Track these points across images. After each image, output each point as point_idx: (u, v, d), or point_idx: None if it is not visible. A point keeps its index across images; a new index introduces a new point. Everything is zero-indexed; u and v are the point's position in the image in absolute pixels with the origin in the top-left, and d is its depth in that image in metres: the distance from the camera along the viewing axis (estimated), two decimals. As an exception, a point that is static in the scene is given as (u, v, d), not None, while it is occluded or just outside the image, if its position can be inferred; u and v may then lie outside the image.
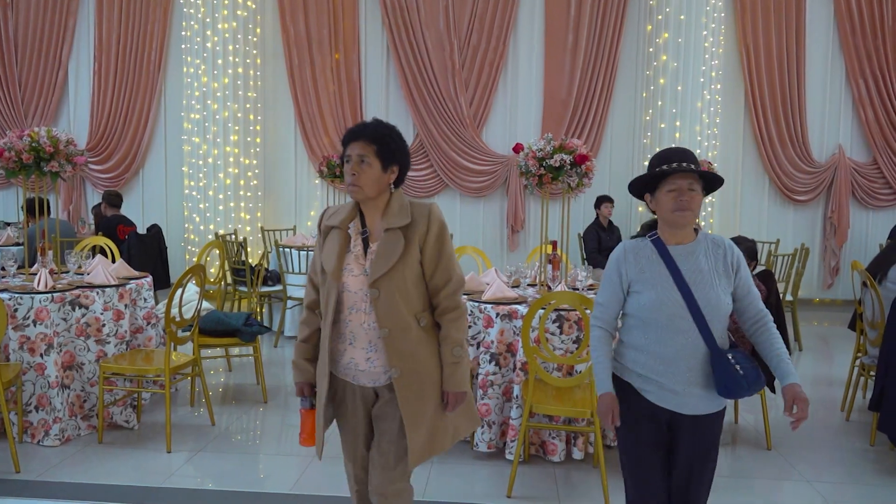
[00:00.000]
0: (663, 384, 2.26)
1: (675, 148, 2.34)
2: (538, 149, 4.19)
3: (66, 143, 4.42)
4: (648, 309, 2.26)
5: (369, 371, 2.34)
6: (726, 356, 2.20)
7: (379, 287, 2.25)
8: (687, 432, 2.30)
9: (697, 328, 2.21)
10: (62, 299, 4.08)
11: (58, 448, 4.00)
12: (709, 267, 2.27)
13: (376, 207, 2.33)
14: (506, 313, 3.91)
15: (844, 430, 4.59)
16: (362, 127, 2.30)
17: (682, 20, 8.11)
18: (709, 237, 2.35)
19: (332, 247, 2.34)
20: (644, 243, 2.36)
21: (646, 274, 2.30)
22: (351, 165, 2.27)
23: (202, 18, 8.31)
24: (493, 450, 3.93)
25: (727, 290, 2.27)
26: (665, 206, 2.27)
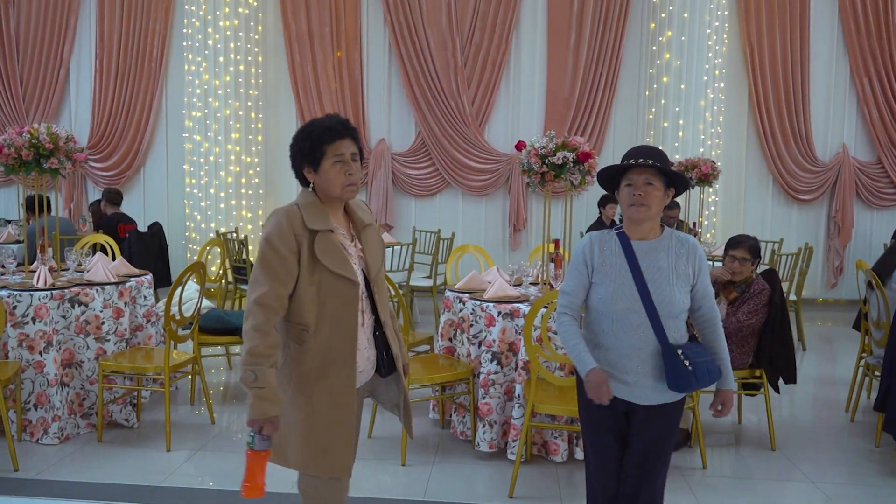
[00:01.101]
0: (616, 376, 2.33)
1: (641, 146, 2.41)
2: (541, 146, 4.15)
3: (65, 139, 4.39)
4: (605, 301, 2.32)
5: (365, 370, 2.33)
6: (676, 352, 2.26)
7: (377, 281, 2.30)
8: (642, 421, 2.38)
9: (650, 324, 2.27)
10: (61, 297, 4.06)
11: (57, 446, 3.98)
12: (668, 265, 2.33)
13: (340, 207, 2.32)
14: (507, 312, 3.87)
15: (849, 430, 4.55)
16: (345, 122, 2.23)
17: (685, 18, 8.06)
18: (675, 235, 2.40)
19: (334, 250, 2.18)
20: (609, 236, 2.42)
21: (606, 266, 2.36)
22: (349, 165, 2.19)
23: (203, 16, 8.28)
24: (494, 450, 3.90)
25: (684, 289, 2.33)
26: (623, 201, 2.35)
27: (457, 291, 4.32)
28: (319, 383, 2.20)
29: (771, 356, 4.09)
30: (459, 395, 4.13)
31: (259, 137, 8.83)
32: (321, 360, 2.19)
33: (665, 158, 2.35)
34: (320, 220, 2.17)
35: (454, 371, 3.95)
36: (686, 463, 3.91)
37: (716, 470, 3.88)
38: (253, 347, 2.07)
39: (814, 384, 5.51)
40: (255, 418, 2.08)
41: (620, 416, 2.42)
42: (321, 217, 2.18)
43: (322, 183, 2.20)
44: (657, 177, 2.30)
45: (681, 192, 2.41)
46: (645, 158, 2.30)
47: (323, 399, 2.20)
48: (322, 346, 2.18)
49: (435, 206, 9.09)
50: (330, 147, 2.16)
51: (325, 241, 2.16)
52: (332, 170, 2.17)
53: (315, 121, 2.21)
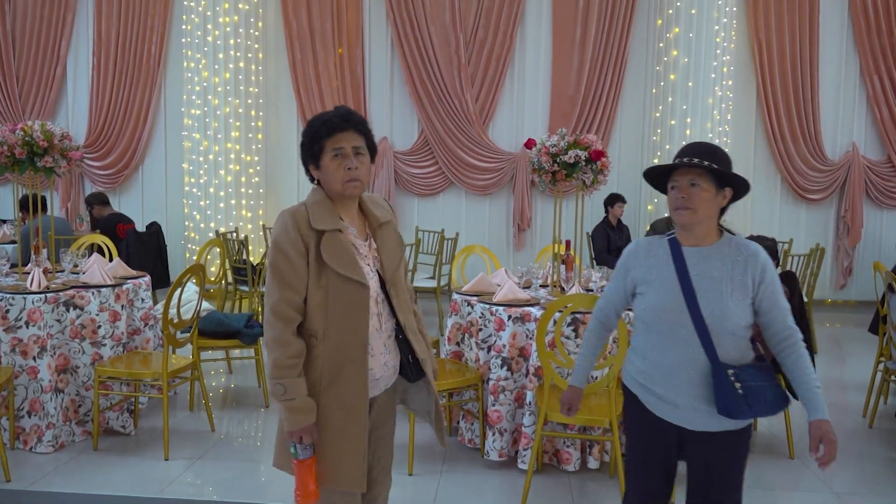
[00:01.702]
0: (663, 396, 2.11)
1: (693, 143, 2.17)
2: (552, 144, 4.02)
3: (60, 137, 4.25)
4: (649, 312, 2.14)
5: (384, 377, 2.19)
6: (725, 372, 2.01)
7: (395, 283, 2.16)
8: (697, 451, 2.12)
9: (699, 339, 2.04)
10: (56, 300, 3.92)
11: (51, 455, 3.85)
12: (722, 274, 2.08)
13: (353, 205, 2.17)
14: (518, 316, 3.74)
15: (868, 437, 4.42)
16: (348, 114, 2.09)
17: (693, 14, 7.92)
18: (734, 241, 2.14)
19: (342, 251, 2.04)
20: (660, 242, 2.21)
21: (652, 274, 2.16)
22: (350, 159, 2.05)
23: (203, 12, 8.14)
24: (504, 458, 3.77)
25: (741, 301, 2.05)
26: (669, 205, 2.15)
27: (464, 294, 4.19)
28: (329, 392, 2.07)
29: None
30: (467, 401, 4.00)
31: (259, 136, 8.69)
32: (330, 368, 2.06)
33: (718, 156, 2.10)
34: (327, 219, 2.05)
35: (462, 377, 3.82)
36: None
37: (734, 480, 3.74)
38: (276, 360, 2.01)
39: (827, 388, 5.38)
40: (292, 430, 2.03)
41: (669, 443, 2.16)
42: (328, 216, 2.06)
43: (325, 179, 2.09)
44: (705, 177, 2.07)
45: (741, 193, 2.15)
46: (690, 157, 2.08)
47: (333, 408, 2.07)
48: (331, 353, 2.06)
49: (438, 206, 8.96)
50: (329, 141, 2.04)
51: (331, 242, 2.04)
52: (332, 165, 2.05)
53: (316, 115, 2.12)
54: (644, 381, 2.16)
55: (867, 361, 5.66)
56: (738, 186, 2.14)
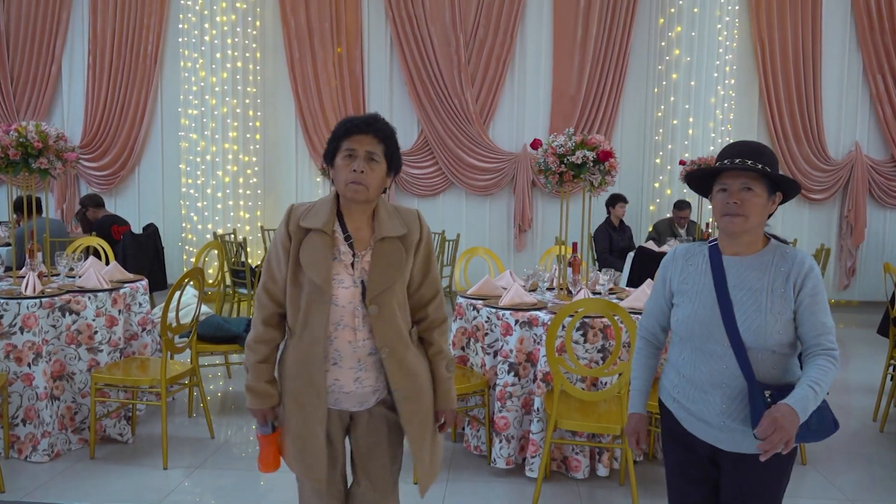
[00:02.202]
0: (696, 413, 1.98)
1: (742, 142, 1.97)
2: (559, 145, 3.94)
3: (55, 138, 4.15)
4: (683, 325, 2.00)
5: (356, 393, 2.08)
6: (762, 392, 1.85)
7: (379, 303, 2.02)
8: (731, 473, 1.97)
9: (734, 355, 1.89)
10: (51, 305, 3.83)
11: (46, 464, 3.75)
12: (764, 285, 1.91)
13: (364, 212, 2.08)
14: (525, 320, 3.65)
15: (879, 442, 4.35)
16: (372, 119, 2.02)
17: (695, 13, 7.87)
18: (780, 250, 1.96)
19: (316, 252, 2.00)
20: (699, 249, 2.07)
21: (688, 284, 2.02)
22: (357, 162, 1.98)
23: (200, 11, 8.05)
24: (511, 466, 3.68)
25: (781, 315, 1.88)
26: (715, 210, 1.97)
27: (469, 297, 4.10)
28: (292, 387, 2.10)
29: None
30: (473, 407, 3.91)
31: (257, 136, 8.60)
32: (297, 364, 2.07)
33: (769, 157, 1.92)
34: (318, 218, 2.03)
35: (468, 382, 3.73)
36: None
37: (746, 487, 3.66)
38: (247, 341, 2.13)
39: (835, 391, 5.30)
40: (251, 408, 2.13)
41: (705, 462, 2.03)
42: (321, 216, 2.04)
43: (334, 179, 2.06)
44: (759, 181, 1.90)
45: (790, 196, 1.98)
46: (743, 158, 1.89)
47: (294, 404, 2.10)
48: (298, 351, 2.07)
49: (438, 207, 8.88)
50: (345, 140, 2.01)
51: (312, 242, 2.02)
52: (341, 164, 2.01)
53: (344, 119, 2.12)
54: (678, 395, 2.04)
55: (873, 363, 5.61)
56: (789, 190, 1.96)
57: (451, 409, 2.21)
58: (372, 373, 2.07)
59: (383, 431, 2.18)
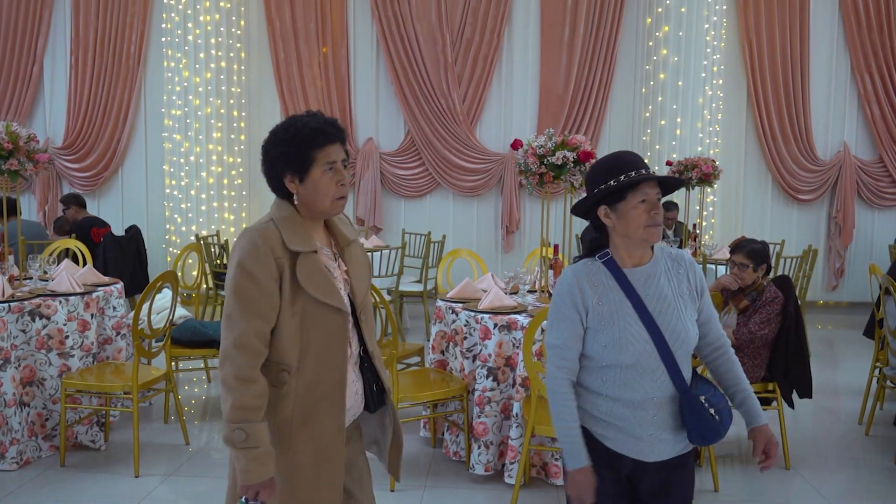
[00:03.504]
0: (625, 429, 1.91)
1: (626, 152, 1.97)
2: (538, 145, 3.87)
3: (26, 139, 4.08)
4: (610, 349, 1.88)
5: (353, 406, 1.98)
6: (699, 399, 1.88)
7: (364, 307, 1.98)
8: (653, 482, 1.95)
9: (665, 367, 1.88)
10: (20, 309, 3.74)
11: (15, 472, 3.66)
12: (672, 291, 1.92)
13: (320, 222, 1.98)
14: (504, 324, 3.59)
15: (865, 445, 4.30)
16: (334, 123, 1.89)
17: (682, 13, 7.81)
18: (666, 252, 1.99)
19: (319, 275, 1.84)
20: (595, 266, 1.95)
21: (604, 306, 1.90)
22: (337, 173, 1.86)
23: (183, 10, 7.94)
24: (490, 472, 3.61)
25: (693, 317, 1.94)
26: (635, 222, 1.88)
27: (449, 301, 4.04)
28: (303, 431, 1.85)
29: (785, 369, 3.84)
30: (452, 413, 3.85)
31: (242, 137, 8.50)
32: (304, 405, 1.84)
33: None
34: (302, 238, 1.83)
35: (446, 387, 3.67)
36: (696, 485, 3.63)
37: (729, 492, 3.60)
38: (238, 400, 1.73)
39: (821, 393, 5.24)
40: (249, 484, 1.76)
41: (623, 480, 1.96)
42: (303, 235, 1.84)
43: (308, 195, 1.86)
44: (658, 189, 1.93)
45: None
46: (647, 170, 1.91)
47: (307, 450, 1.85)
48: (305, 388, 1.84)
49: (425, 208, 8.80)
50: (321, 153, 1.83)
51: (308, 265, 1.82)
52: (323, 180, 1.83)
53: (298, 120, 1.87)
54: (604, 416, 1.94)
55: (860, 365, 5.56)
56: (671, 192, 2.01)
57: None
58: (359, 381, 1.99)
59: (360, 453, 2.10)
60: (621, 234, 1.92)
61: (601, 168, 1.95)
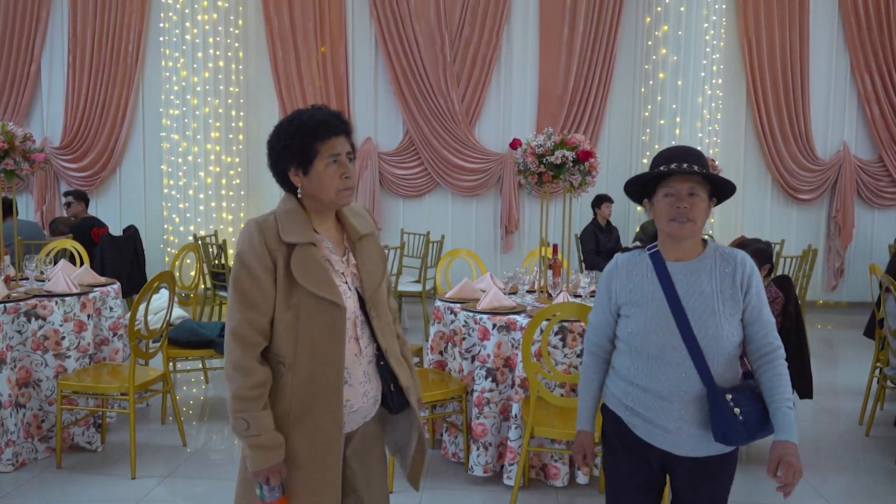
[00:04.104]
0: (653, 420, 1.95)
1: (679, 146, 2.00)
2: (538, 144, 3.85)
3: (22, 138, 4.05)
4: (636, 336, 1.95)
5: (362, 408, 1.95)
6: (724, 397, 1.87)
7: (375, 303, 1.95)
8: (684, 478, 1.98)
9: (692, 361, 1.89)
10: (16, 310, 3.72)
11: (11, 474, 3.64)
12: (713, 289, 1.93)
13: (330, 215, 1.97)
14: (503, 324, 3.57)
15: (865, 446, 4.28)
16: (339, 116, 1.89)
17: (682, 12, 7.80)
18: (719, 251, 1.99)
19: (315, 267, 1.83)
20: (640, 257, 2.03)
21: (636, 294, 1.98)
22: (346, 167, 1.87)
23: (181, 9, 7.92)
24: (489, 473, 3.59)
25: (733, 317, 1.92)
26: (662, 215, 1.94)
27: (448, 301, 4.02)
28: (298, 427, 1.85)
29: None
30: (451, 413, 3.82)
31: (240, 136, 8.48)
32: (300, 400, 1.84)
33: (704, 161, 1.96)
34: (299, 230, 1.84)
35: (445, 388, 3.64)
36: (696, 486, 3.62)
37: (729, 494, 3.58)
38: (237, 391, 1.78)
39: (821, 393, 5.23)
40: (257, 470, 1.81)
41: (656, 470, 2.00)
42: (300, 227, 1.85)
43: (312, 187, 1.87)
44: (702, 185, 1.92)
45: (724, 200, 2.02)
46: (689, 163, 1.90)
47: (303, 446, 1.85)
48: (301, 383, 1.83)
49: (424, 208, 8.78)
50: (324, 145, 1.83)
51: (303, 257, 1.83)
52: (327, 172, 1.84)
53: (303, 113, 1.87)
54: (631, 403, 1.99)
55: (861, 365, 5.55)
56: (726, 194, 2.00)
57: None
58: (374, 382, 1.96)
59: (377, 447, 2.07)
60: (658, 227, 1.99)
61: (653, 159, 2.02)
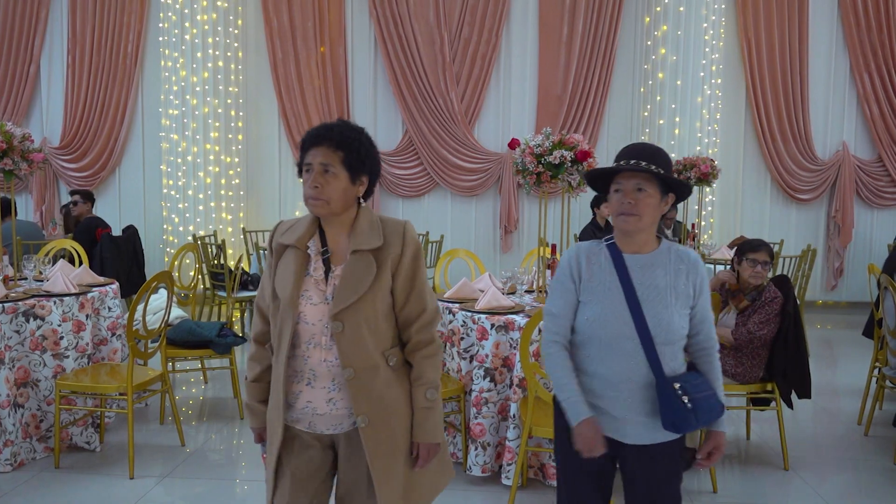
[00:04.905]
0: (602, 408, 2.02)
1: (637, 144, 2.10)
2: (536, 144, 3.85)
3: (21, 138, 4.05)
4: (592, 324, 2.02)
5: (330, 414, 1.96)
6: (672, 386, 1.95)
7: (343, 319, 1.89)
8: (633, 465, 2.06)
9: (644, 351, 1.97)
10: (14, 310, 3.72)
11: (9, 474, 3.63)
12: (667, 283, 2.02)
13: (341, 224, 1.98)
14: (501, 324, 3.57)
15: (864, 446, 4.28)
16: (326, 129, 1.92)
17: (681, 12, 7.80)
18: (674, 249, 2.09)
19: (287, 269, 1.96)
20: (598, 247, 2.11)
21: (594, 283, 2.05)
22: (312, 176, 1.89)
23: (180, 9, 7.92)
24: (487, 474, 3.59)
25: (683, 311, 2.03)
26: (612, 209, 2.06)
27: (446, 301, 4.01)
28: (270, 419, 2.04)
29: (784, 369, 3.81)
30: (449, 413, 3.82)
31: (239, 136, 8.48)
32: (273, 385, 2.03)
33: (663, 159, 2.02)
34: (293, 234, 1.99)
35: (443, 388, 3.64)
36: (694, 486, 3.62)
37: (728, 493, 3.58)
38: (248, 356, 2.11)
39: (820, 393, 5.22)
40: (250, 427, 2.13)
41: (606, 459, 2.05)
42: (297, 231, 1.99)
43: None
44: (652, 182, 1.98)
45: (682, 198, 2.10)
46: (637, 160, 1.99)
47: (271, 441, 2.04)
48: (274, 369, 2.02)
49: (423, 208, 8.78)
50: (307, 155, 1.95)
51: (287, 257, 1.99)
52: (305, 181, 1.94)
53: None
54: (585, 394, 2.04)
55: (860, 365, 5.54)
56: (681, 192, 2.08)
57: (426, 441, 1.97)
58: (347, 394, 1.94)
59: (361, 458, 2.00)
60: (612, 220, 2.10)
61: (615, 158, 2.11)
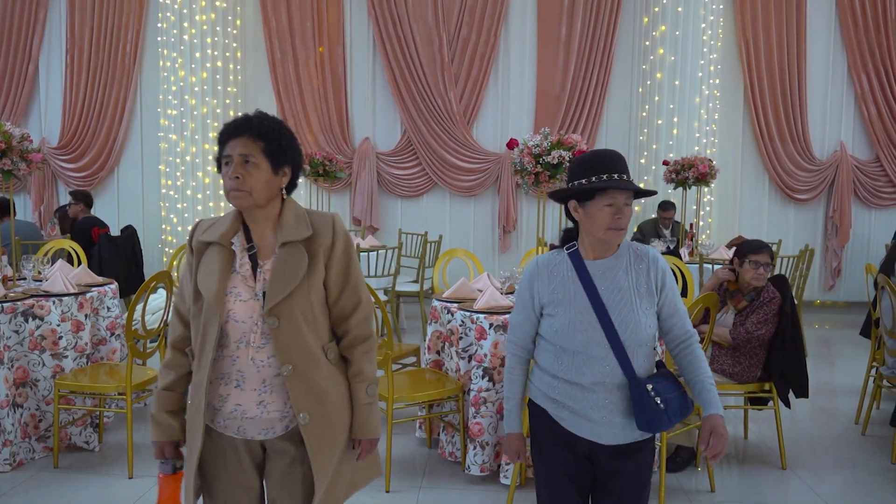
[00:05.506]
0: (578, 411, 2.05)
1: (608, 153, 2.05)
2: (534, 145, 3.86)
3: (19, 138, 4.05)
4: (560, 334, 2.03)
5: (261, 418, 1.88)
6: (645, 388, 1.99)
7: (279, 314, 1.84)
8: (609, 465, 2.08)
9: (614, 355, 1.99)
10: (13, 310, 3.72)
11: (8, 474, 3.64)
12: (629, 284, 2.04)
13: (266, 218, 1.91)
14: (500, 324, 3.57)
15: (861, 445, 4.29)
16: (244, 120, 1.88)
17: (679, 12, 7.81)
18: (632, 248, 2.10)
19: (211, 267, 1.88)
20: (560, 257, 2.11)
21: (559, 294, 2.06)
22: (232, 167, 1.83)
23: (179, 10, 7.93)
24: (486, 473, 3.59)
25: (649, 310, 2.04)
26: (599, 223, 2.00)
27: (445, 301, 4.02)
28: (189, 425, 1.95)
29: (782, 368, 3.82)
30: (448, 413, 3.83)
31: (238, 136, 8.47)
32: (192, 389, 1.95)
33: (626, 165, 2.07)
34: (215, 230, 1.92)
35: (442, 388, 3.65)
36: (692, 485, 3.63)
37: (725, 493, 3.59)
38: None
39: (818, 393, 5.25)
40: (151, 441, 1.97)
41: (583, 459, 2.08)
42: (218, 228, 1.92)
43: None
44: (631, 195, 2.03)
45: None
46: (619, 173, 1.99)
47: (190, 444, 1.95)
48: (195, 375, 1.93)
49: (422, 208, 8.79)
50: (224, 148, 1.88)
51: (209, 254, 1.91)
52: (223, 174, 1.88)
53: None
54: (557, 396, 2.07)
55: (857, 365, 5.56)
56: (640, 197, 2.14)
57: (368, 436, 1.97)
58: (279, 396, 1.88)
59: (297, 479, 1.93)
60: (586, 230, 2.05)
61: (580, 164, 2.06)
